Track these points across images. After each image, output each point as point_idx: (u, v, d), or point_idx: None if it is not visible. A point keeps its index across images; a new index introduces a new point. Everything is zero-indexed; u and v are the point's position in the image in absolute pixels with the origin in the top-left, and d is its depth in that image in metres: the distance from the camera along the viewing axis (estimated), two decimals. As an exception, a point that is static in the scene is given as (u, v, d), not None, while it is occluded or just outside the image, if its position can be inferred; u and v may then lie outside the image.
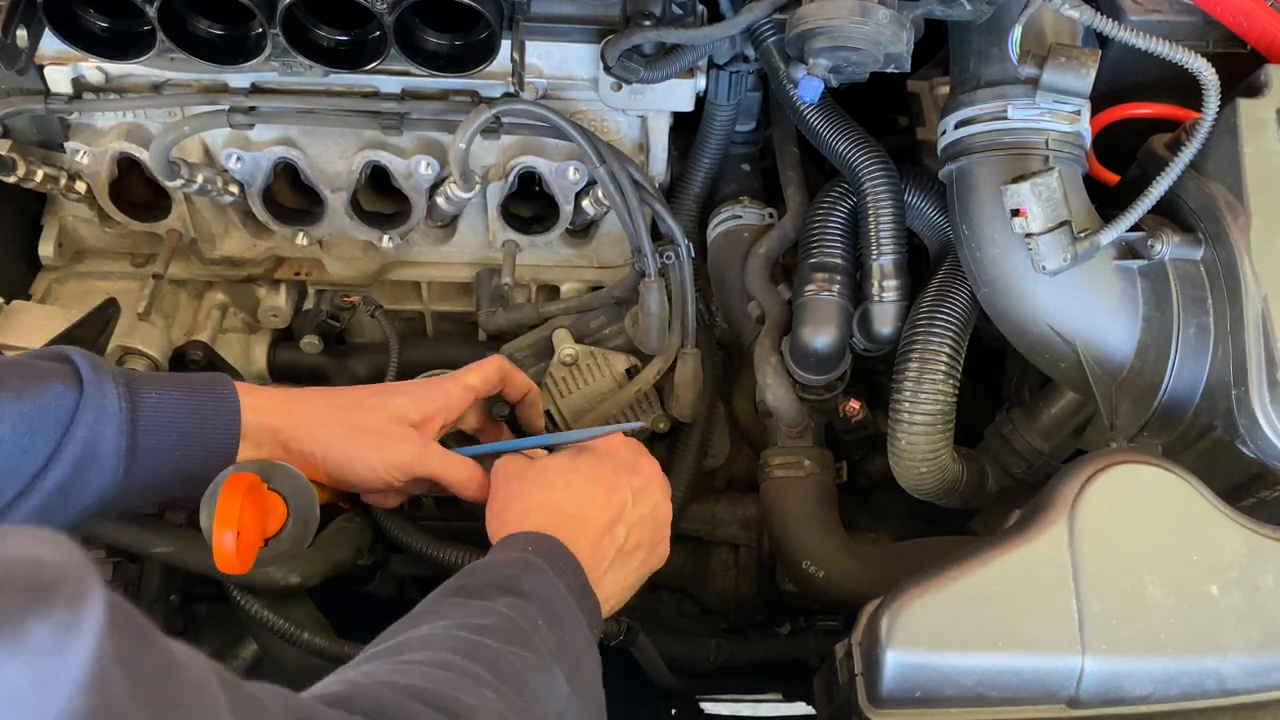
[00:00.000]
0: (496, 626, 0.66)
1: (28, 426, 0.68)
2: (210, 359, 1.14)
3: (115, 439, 0.72)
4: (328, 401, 0.88)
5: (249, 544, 0.81)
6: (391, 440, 0.87)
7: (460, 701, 0.57)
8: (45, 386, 0.70)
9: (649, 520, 0.88)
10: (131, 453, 0.73)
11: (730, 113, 1.15)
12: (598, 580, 0.80)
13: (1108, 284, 0.87)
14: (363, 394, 0.90)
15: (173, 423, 0.76)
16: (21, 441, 0.68)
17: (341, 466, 0.86)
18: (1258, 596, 0.75)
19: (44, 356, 0.74)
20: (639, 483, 0.87)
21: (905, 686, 0.74)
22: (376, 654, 0.64)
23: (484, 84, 1.04)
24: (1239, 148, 0.82)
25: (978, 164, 0.90)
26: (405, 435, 0.88)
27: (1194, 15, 0.92)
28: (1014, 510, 0.81)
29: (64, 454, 0.70)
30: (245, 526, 0.80)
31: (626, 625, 1.11)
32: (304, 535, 0.87)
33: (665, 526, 0.90)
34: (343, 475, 0.87)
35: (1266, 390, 0.78)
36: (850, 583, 1.05)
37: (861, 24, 0.85)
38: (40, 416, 0.69)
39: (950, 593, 0.74)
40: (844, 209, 1.07)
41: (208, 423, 0.79)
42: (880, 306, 1.02)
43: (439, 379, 0.94)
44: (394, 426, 0.88)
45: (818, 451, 1.10)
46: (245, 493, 0.80)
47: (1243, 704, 0.75)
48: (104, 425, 0.72)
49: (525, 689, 0.63)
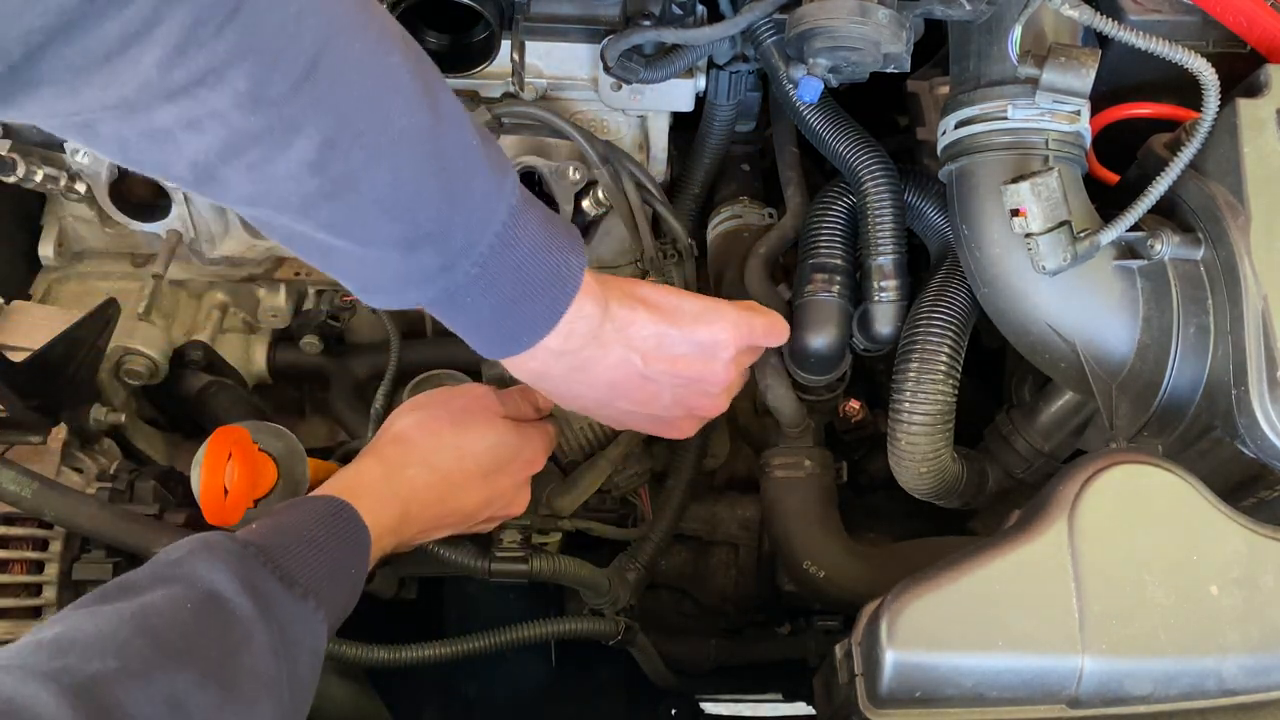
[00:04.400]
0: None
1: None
2: (210, 359, 1.15)
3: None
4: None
5: (237, 497, 0.82)
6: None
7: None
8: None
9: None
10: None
11: (730, 113, 1.15)
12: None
13: (1107, 284, 0.87)
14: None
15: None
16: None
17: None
18: (1258, 596, 0.75)
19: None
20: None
21: (905, 686, 0.74)
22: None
23: (484, 84, 1.04)
24: (1239, 148, 0.82)
25: (978, 164, 0.90)
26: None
27: (1194, 15, 0.92)
28: (1014, 510, 0.81)
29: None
30: (234, 481, 0.81)
31: (626, 625, 1.11)
32: (294, 495, 0.88)
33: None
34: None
35: (1266, 390, 0.78)
36: (850, 583, 1.05)
37: (861, 24, 0.85)
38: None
39: (950, 593, 0.74)
40: (844, 209, 1.07)
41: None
42: (880, 306, 1.02)
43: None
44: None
45: (818, 451, 1.10)
46: (234, 444, 0.81)
47: (1243, 704, 0.75)
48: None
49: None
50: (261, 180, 0.62)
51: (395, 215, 0.66)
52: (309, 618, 0.69)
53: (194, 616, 0.63)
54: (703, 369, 0.85)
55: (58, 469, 0.96)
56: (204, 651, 0.61)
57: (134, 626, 0.60)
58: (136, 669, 0.58)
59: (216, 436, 0.84)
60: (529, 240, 0.71)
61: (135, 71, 0.55)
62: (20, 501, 0.87)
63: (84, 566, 0.93)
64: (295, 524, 0.74)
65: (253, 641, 0.64)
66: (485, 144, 0.69)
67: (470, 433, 0.93)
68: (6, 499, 0.87)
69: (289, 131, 0.60)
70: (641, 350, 0.82)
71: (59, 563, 0.92)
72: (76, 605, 0.63)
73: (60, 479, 0.94)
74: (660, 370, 0.83)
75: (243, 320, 1.20)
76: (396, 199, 0.65)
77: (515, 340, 0.76)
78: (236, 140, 0.60)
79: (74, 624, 0.60)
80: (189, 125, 0.59)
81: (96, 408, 1.01)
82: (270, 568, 0.69)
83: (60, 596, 0.92)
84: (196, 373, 1.13)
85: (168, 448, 1.17)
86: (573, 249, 0.75)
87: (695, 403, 0.89)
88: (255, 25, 0.56)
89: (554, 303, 0.75)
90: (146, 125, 0.59)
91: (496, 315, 0.73)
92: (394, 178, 0.64)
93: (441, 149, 0.66)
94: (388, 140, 0.63)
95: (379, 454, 0.89)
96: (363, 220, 0.66)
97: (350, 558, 0.77)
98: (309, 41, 0.59)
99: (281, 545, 0.71)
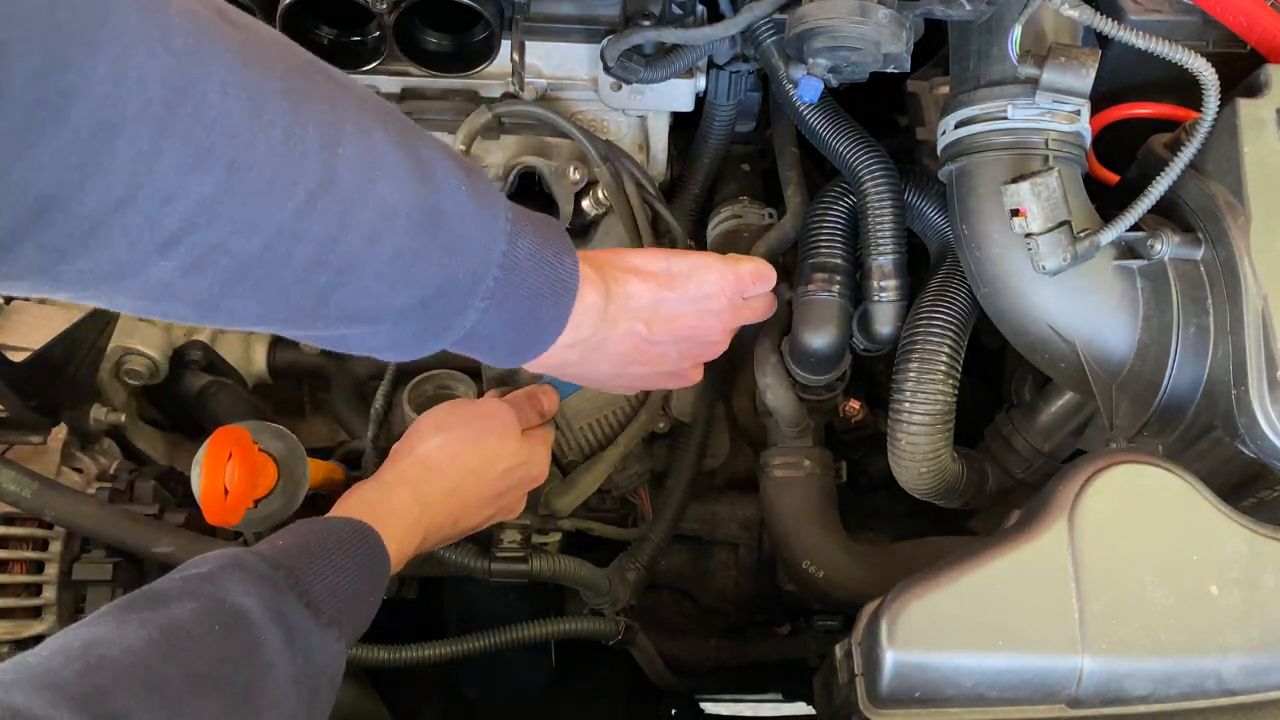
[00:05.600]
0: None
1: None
2: (210, 359, 1.14)
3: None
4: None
5: (237, 497, 0.83)
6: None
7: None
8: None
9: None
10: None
11: (730, 113, 1.15)
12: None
13: (1107, 284, 0.87)
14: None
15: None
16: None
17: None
18: (1258, 596, 0.75)
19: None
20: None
21: (905, 686, 0.74)
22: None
23: (484, 84, 1.04)
24: (1239, 148, 0.82)
25: (977, 164, 0.90)
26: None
27: (1194, 15, 0.92)
28: (1014, 510, 0.81)
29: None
30: (234, 481, 0.82)
31: (626, 625, 1.11)
32: (294, 496, 0.88)
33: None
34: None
35: (1266, 390, 0.78)
36: (850, 583, 1.05)
37: (861, 24, 0.85)
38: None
39: (950, 593, 0.74)
40: (844, 209, 1.07)
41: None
42: (880, 306, 1.02)
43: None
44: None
45: (818, 451, 1.11)
46: (234, 444, 0.81)
47: (1243, 704, 0.75)
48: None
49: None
50: (269, 295, 0.62)
51: (402, 286, 0.66)
52: (331, 646, 0.70)
53: (221, 641, 0.63)
54: (699, 323, 0.88)
55: (58, 469, 0.96)
56: (229, 680, 0.62)
57: (163, 651, 0.60)
58: (164, 701, 0.58)
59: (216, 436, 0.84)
60: (528, 257, 0.72)
61: (123, 234, 0.54)
62: (20, 501, 0.87)
63: (84, 566, 0.93)
64: (323, 547, 0.75)
65: (276, 670, 0.65)
66: (470, 177, 0.69)
67: (490, 455, 0.94)
68: (6, 499, 0.87)
69: (291, 242, 0.60)
70: (644, 319, 0.84)
71: (59, 563, 0.92)
72: (105, 612, 0.63)
73: (60, 479, 0.94)
74: (664, 333, 0.85)
75: (243, 320, 1.20)
76: (404, 270, 0.65)
77: (529, 350, 0.77)
78: (241, 268, 0.59)
79: (103, 634, 0.60)
80: (189, 270, 0.58)
81: (96, 408, 1.01)
82: (298, 593, 0.69)
83: (60, 596, 0.92)
84: (196, 373, 1.13)
85: (168, 448, 1.17)
86: (565, 248, 0.76)
87: (699, 353, 0.92)
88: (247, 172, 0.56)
89: (560, 306, 0.76)
90: (140, 286, 0.58)
91: (510, 333, 0.74)
92: (394, 252, 0.64)
93: (434, 206, 0.66)
94: (384, 220, 0.63)
95: (405, 478, 0.89)
96: (373, 300, 0.66)
97: (372, 586, 0.78)
98: (310, 173, 0.59)
99: (309, 570, 0.72)
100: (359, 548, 0.77)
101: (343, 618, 0.72)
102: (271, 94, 0.57)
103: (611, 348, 0.83)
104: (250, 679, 0.63)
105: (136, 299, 0.59)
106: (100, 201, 0.52)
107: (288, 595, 0.68)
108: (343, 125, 0.61)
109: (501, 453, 0.94)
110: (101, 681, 0.57)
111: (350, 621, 0.73)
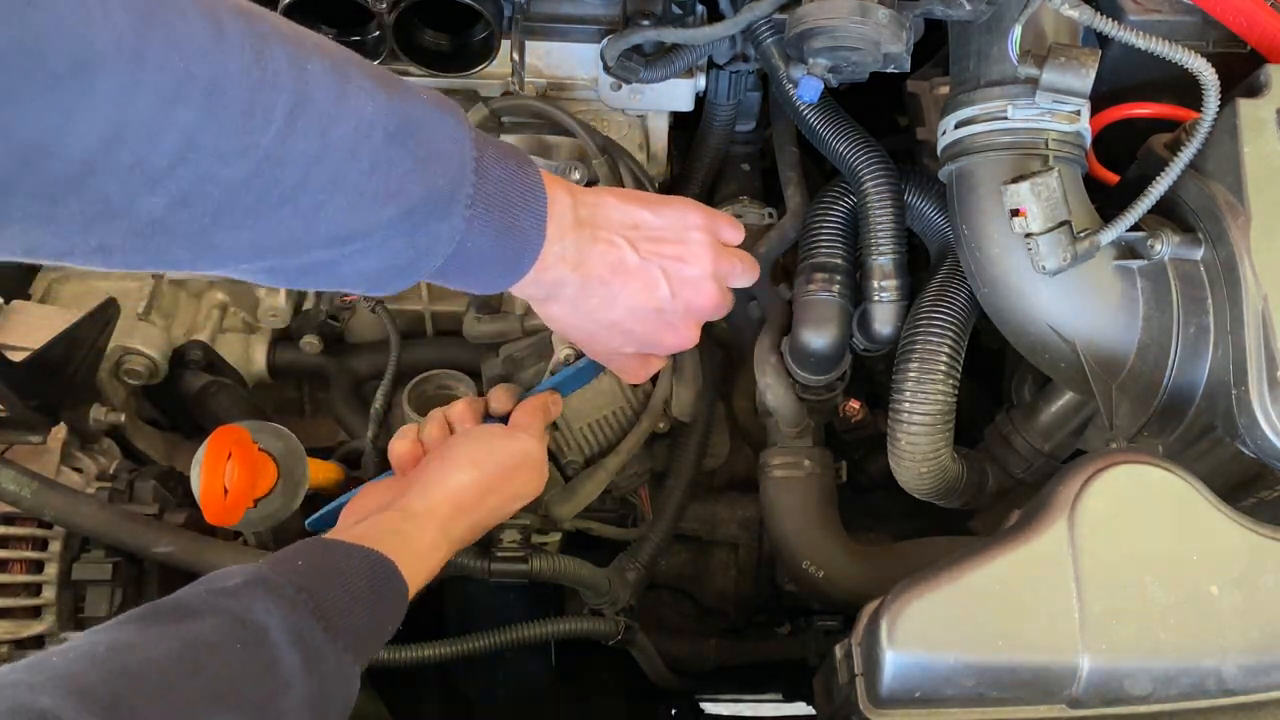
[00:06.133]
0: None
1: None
2: (210, 359, 1.14)
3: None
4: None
5: (237, 497, 0.83)
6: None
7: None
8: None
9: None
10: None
11: (730, 112, 1.15)
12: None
13: (1108, 284, 0.87)
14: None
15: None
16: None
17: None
18: (1258, 596, 0.75)
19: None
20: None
21: (905, 686, 0.74)
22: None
23: (484, 84, 1.04)
24: (1239, 148, 0.82)
25: (978, 164, 0.90)
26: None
27: (1194, 15, 0.92)
28: (1014, 510, 0.81)
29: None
30: (234, 481, 0.82)
31: (626, 625, 1.11)
32: (294, 495, 0.88)
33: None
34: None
35: (1266, 390, 0.78)
36: (850, 583, 1.05)
37: (861, 24, 0.85)
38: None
39: (950, 593, 0.74)
40: (844, 209, 1.07)
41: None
42: (880, 306, 1.02)
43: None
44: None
45: (818, 451, 1.11)
46: (234, 444, 0.81)
47: (1243, 704, 0.75)
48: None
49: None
50: (259, 222, 0.63)
51: (385, 198, 0.67)
52: (347, 673, 0.70)
53: (242, 659, 0.64)
54: (682, 249, 0.88)
55: (58, 469, 0.96)
56: (248, 697, 0.62)
57: (185, 664, 0.61)
58: (183, 713, 0.59)
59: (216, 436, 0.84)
60: (496, 164, 0.73)
61: (113, 176, 0.54)
62: (20, 501, 0.87)
63: (84, 566, 0.93)
64: (347, 576, 0.75)
65: (292, 692, 0.65)
66: (421, 90, 0.71)
67: (514, 494, 0.94)
68: (6, 499, 0.87)
69: (276, 166, 0.61)
70: (624, 235, 0.84)
71: (59, 563, 0.92)
72: (129, 618, 0.64)
73: (60, 479, 0.94)
74: (649, 251, 0.86)
75: (242, 320, 1.20)
76: (384, 181, 0.66)
77: (520, 260, 0.78)
78: (229, 196, 0.60)
79: (127, 641, 0.61)
80: (181, 202, 0.58)
81: (96, 408, 1.01)
82: (319, 618, 0.69)
83: (60, 596, 0.92)
84: (196, 372, 1.13)
85: (168, 448, 1.17)
86: (524, 158, 0.77)
87: (689, 297, 0.89)
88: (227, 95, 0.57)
89: (535, 212, 0.77)
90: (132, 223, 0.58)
91: (498, 244, 0.75)
92: (372, 164, 0.65)
93: (405, 114, 0.67)
94: (362, 133, 0.64)
95: (436, 516, 0.87)
96: (360, 216, 0.66)
97: (389, 619, 0.78)
98: (286, 91, 0.60)
99: (331, 599, 0.72)
100: (382, 582, 0.77)
101: (360, 646, 0.72)
102: (226, 12, 0.58)
103: (596, 263, 0.83)
104: (267, 697, 0.63)
105: (128, 238, 0.59)
106: (86, 145, 0.52)
107: (308, 619, 0.69)
108: (302, 41, 0.62)
109: (524, 493, 0.95)
110: (123, 690, 0.57)
111: (367, 652, 0.74)
